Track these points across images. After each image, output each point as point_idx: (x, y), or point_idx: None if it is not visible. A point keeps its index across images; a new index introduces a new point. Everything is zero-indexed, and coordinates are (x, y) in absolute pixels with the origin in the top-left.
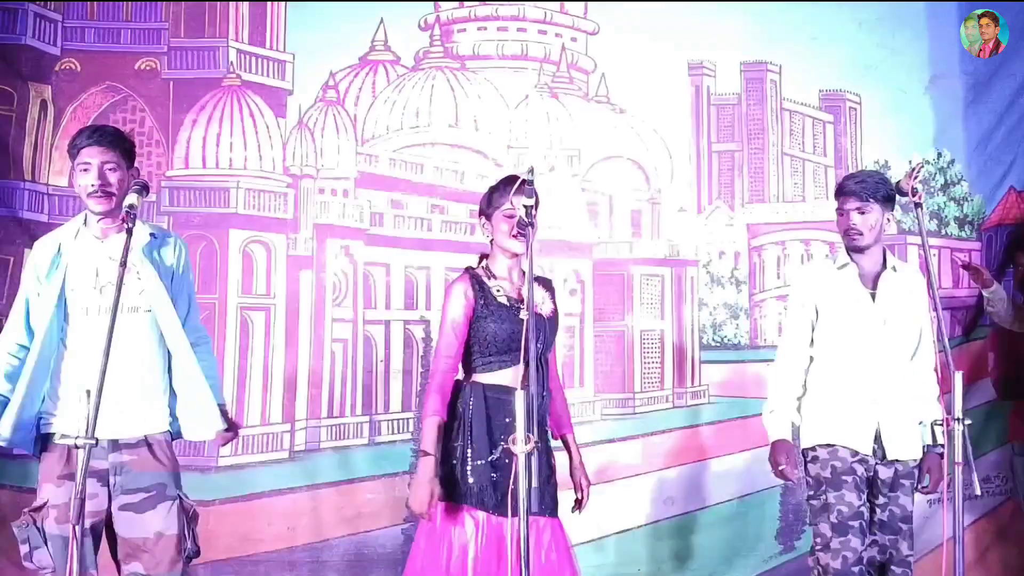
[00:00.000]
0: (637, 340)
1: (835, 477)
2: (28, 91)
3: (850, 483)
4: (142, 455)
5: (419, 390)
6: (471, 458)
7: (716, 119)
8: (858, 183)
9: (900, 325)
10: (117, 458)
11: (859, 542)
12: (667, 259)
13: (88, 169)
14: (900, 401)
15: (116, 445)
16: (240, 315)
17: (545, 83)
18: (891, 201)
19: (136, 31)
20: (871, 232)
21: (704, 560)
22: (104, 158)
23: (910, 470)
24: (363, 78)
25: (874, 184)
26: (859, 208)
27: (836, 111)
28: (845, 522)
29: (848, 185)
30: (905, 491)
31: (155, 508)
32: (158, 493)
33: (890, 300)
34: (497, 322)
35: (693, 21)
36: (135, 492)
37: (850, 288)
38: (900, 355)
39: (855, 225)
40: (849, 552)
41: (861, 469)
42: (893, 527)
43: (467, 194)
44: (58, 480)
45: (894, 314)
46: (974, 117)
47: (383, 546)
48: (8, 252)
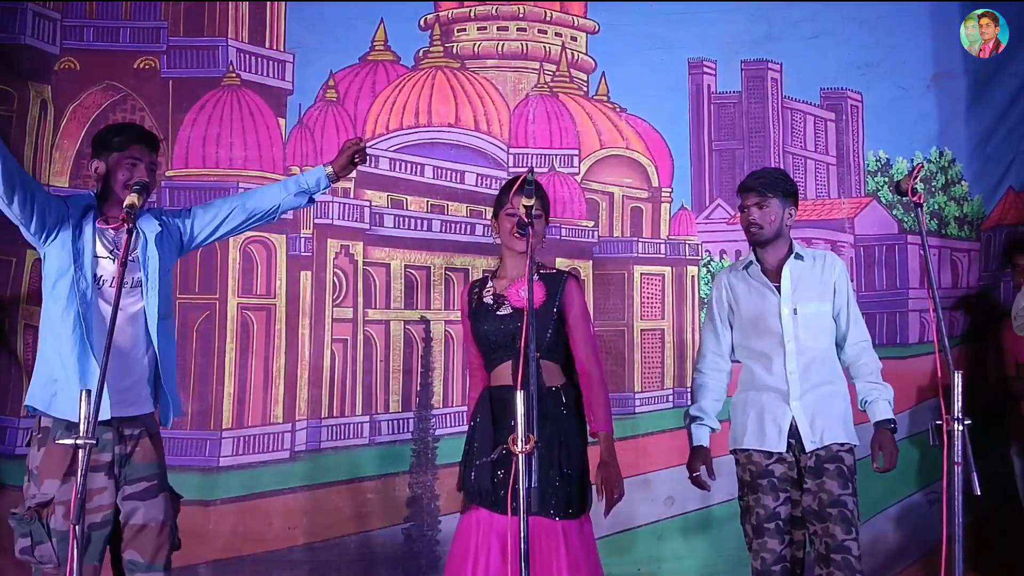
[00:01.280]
0: (637, 340)
1: (752, 480)
2: (28, 91)
3: (766, 486)
4: (144, 445)
5: (419, 390)
6: (475, 457)
7: (717, 117)
8: (756, 179)
9: (812, 311)
10: (122, 449)
11: (777, 542)
12: (667, 258)
13: (137, 164)
14: (821, 389)
15: (120, 437)
16: (240, 315)
17: (545, 82)
18: (792, 197)
19: (135, 30)
20: (771, 226)
21: (704, 560)
22: (151, 158)
23: (835, 454)
24: (363, 78)
25: (772, 180)
26: (758, 203)
27: (837, 109)
28: (762, 524)
29: (747, 182)
30: (831, 475)
31: (156, 497)
32: (159, 483)
33: (796, 287)
34: (481, 322)
35: (693, 19)
36: (138, 481)
37: (755, 284)
38: (818, 341)
39: (754, 219)
40: (767, 553)
41: (781, 468)
42: (821, 514)
43: (467, 194)
44: (64, 476)
45: (803, 301)
46: (975, 116)
47: (383, 546)
48: (9, 253)
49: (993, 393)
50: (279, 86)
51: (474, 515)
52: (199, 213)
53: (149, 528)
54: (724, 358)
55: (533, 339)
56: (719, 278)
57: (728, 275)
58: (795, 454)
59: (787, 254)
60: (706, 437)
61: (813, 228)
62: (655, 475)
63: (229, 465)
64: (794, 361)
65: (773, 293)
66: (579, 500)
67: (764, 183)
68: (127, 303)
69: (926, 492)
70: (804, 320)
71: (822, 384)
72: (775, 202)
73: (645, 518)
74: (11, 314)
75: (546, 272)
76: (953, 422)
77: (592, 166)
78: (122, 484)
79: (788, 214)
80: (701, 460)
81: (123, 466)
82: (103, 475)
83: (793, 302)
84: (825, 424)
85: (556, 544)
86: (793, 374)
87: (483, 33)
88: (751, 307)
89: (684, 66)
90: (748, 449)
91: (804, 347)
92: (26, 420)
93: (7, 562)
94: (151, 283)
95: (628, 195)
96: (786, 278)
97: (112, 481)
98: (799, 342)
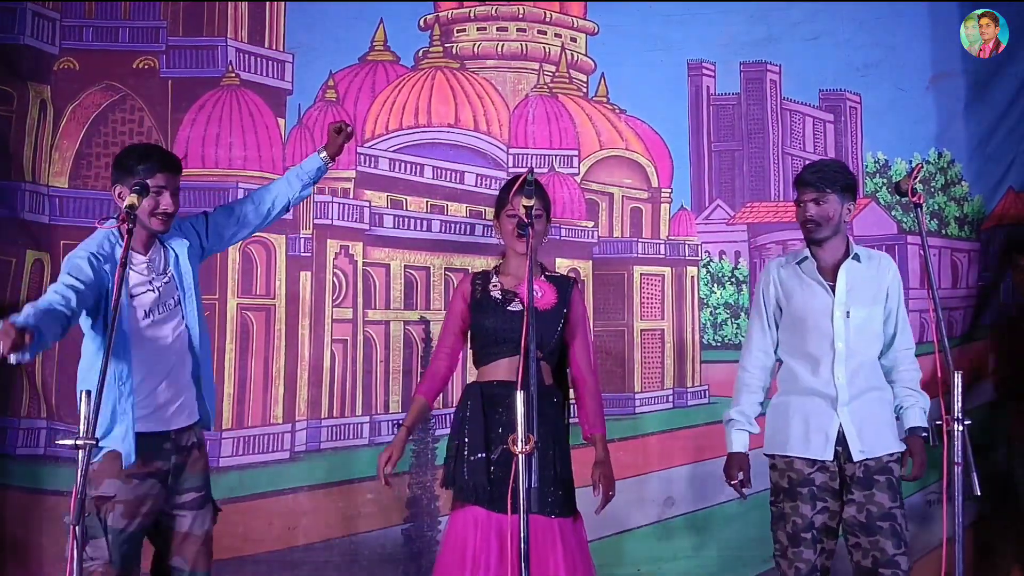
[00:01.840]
0: (637, 340)
1: (791, 488)
2: (27, 91)
3: (805, 494)
4: (195, 456)
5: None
6: (467, 454)
7: (716, 119)
8: (814, 173)
9: (864, 315)
10: (178, 459)
11: (812, 552)
12: (667, 259)
13: (161, 193)
14: (869, 397)
15: (178, 448)
16: (240, 315)
17: (545, 83)
18: (851, 191)
19: (135, 30)
20: (828, 223)
21: (704, 560)
22: (175, 185)
23: (884, 465)
24: (363, 78)
25: (831, 173)
26: (815, 198)
27: (836, 110)
28: (798, 534)
29: (804, 176)
30: (881, 487)
31: (203, 508)
32: (206, 493)
33: (851, 290)
34: (485, 315)
35: (693, 20)
36: (189, 491)
37: (808, 282)
38: (869, 348)
39: (811, 215)
40: (802, 563)
41: (822, 477)
42: (871, 527)
43: (467, 194)
44: (126, 477)
45: (856, 304)
46: (974, 117)
47: (383, 546)
48: (9, 253)
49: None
50: (279, 86)
51: (469, 513)
52: (215, 220)
53: (195, 537)
54: (770, 355)
55: (534, 339)
56: (768, 270)
57: (779, 269)
58: (840, 463)
59: (844, 254)
60: (745, 443)
61: None
62: (655, 475)
63: (229, 465)
64: (843, 366)
65: (828, 293)
66: (572, 498)
67: (823, 177)
68: (172, 323)
69: (926, 492)
70: (856, 324)
71: (869, 390)
72: (833, 197)
73: (645, 518)
74: (10, 314)
75: (552, 275)
76: (953, 422)
77: (592, 167)
78: (173, 493)
79: (847, 210)
80: (738, 466)
81: (177, 476)
82: (157, 482)
83: (847, 305)
84: (874, 433)
85: (553, 542)
86: (841, 379)
87: (483, 34)
88: (802, 305)
89: (683, 67)
90: (790, 456)
91: (854, 352)
92: (26, 420)
93: (14, 562)
94: (188, 297)
95: (628, 196)
96: (842, 279)
97: (164, 489)
98: (850, 347)
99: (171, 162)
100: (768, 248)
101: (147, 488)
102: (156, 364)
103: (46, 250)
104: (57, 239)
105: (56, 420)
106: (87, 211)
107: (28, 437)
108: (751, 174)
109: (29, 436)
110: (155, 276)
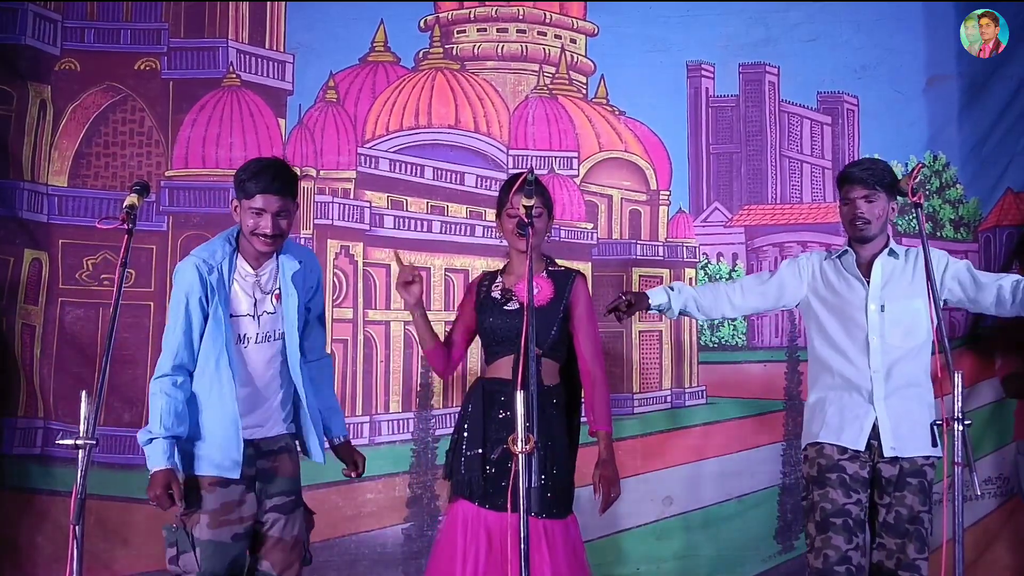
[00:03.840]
0: (635, 341)
1: (820, 475)
2: (27, 91)
3: (834, 480)
4: (283, 461)
5: (419, 390)
6: (464, 448)
7: (714, 121)
8: (864, 170)
9: (901, 309)
10: (263, 464)
11: (843, 539)
12: (666, 260)
13: (261, 215)
14: (907, 393)
15: (260, 452)
16: None
17: (545, 84)
18: (895, 190)
19: (136, 31)
20: (878, 221)
21: (703, 560)
22: (278, 207)
23: (919, 468)
24: (363, 79)
25: (880, 172)
26: (866, 196)
27: (834, 113)
28: (827, 519)
29: (854, 172)
30: (913, 490)
31: (293, 512)
32: (296, 498)
33: (887, 283)
34: (486, 314)
35: (692, 22)
36: (279, 495)
37: (845, 275)
38: (905, 342)
39: (862, 214)
40: (831, 550)
41: (853, 467)
42: (899, 529)
43: (467, 194)
44: (209, 487)
45: (892, 298)
46: (969, 120)
47: (383, 546)
48: (8, 252)
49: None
50: (279, 87)
51: (460, 508)
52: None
53: (284, 542)
54: (743, 295)
55: (533, 338)
56: (810, 257)
57: (821, 260)
58: (873, 458)
59: (881, 249)
60: (658, 294)
61: (809, 231)
62: (654, 475)
63: None
64: (878, 358)
65: (862, 286)
66: (564, 501)
67: (873, 175)
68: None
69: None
70: (892, 317)
71: (908, 386)
72: (883, 196)
73: (644, 518)
74: (9, 314)
75: (555, 269)
76: (953, 422)
77: (591, 168)
78: (263, 498)
79: (892, 209)
80: (631, 294)
81: (266, 481)
82: (245, 488)
83: (882, 298)
84: (910, 433)
85: (537, 542)
86: (877, 372)
87: (483, 35)
88: (837, 296)
89: (682, 69)
90: (821, 443)
91: (890, 345)
92: (24, 420)
93: (8, 563)
94: (289, 320)
95: (627, 197)
96: (876, 273)
97: (253, 494)
98: (884, 340)
99: (278, 184)
100: (764, 251)
101: (231, 495)
102: (246, 376)
103: (44, 249)
104: (55, 238)
105: (53, 419)
106: (86, 210)
107: (24, 437)
108: (749, 177)
109: (26, 436)
110: (259, 298)
